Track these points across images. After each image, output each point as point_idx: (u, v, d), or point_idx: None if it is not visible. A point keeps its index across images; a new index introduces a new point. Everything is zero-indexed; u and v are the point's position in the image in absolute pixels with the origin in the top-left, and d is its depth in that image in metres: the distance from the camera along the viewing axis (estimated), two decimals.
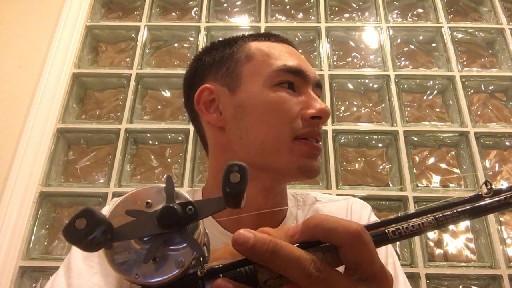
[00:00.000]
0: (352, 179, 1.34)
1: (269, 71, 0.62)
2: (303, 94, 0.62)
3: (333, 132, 1.36)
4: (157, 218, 0.28)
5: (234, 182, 0.28)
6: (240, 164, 0.28)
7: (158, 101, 1.50)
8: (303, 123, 0.60)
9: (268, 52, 0.64)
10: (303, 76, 0.63)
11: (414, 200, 1.26)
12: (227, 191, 0.28)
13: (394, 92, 1.42)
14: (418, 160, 1.37)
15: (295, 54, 0.66)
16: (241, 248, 0.30)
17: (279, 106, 0.60)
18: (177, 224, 0.28)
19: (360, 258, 0.30)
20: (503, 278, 1.15)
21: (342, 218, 0.31)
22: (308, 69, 0.64)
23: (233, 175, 0.28)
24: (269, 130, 0.60)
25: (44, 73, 1.44)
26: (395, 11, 1.64)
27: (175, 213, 0.28)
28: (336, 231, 0.30)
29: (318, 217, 0.31)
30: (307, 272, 0.29)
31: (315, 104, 0.61)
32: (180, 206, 0.29)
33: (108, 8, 1.68)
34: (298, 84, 0.63)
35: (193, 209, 0.29)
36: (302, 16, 1.64)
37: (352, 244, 0.30)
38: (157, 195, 0.31)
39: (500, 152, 1.38)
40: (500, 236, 1.21)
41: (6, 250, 1.18)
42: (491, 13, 1.59)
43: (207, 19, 1.58)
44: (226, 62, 0.66)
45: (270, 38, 0.68)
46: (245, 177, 0.28)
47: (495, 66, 1.53)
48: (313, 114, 0.60)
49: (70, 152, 1.42)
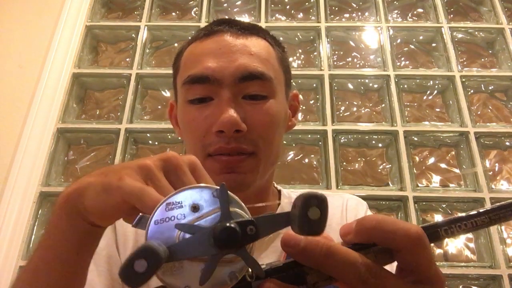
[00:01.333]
0: (352, 179, 1.34)
1: (179, 87, 0.60)
2: (214, 104, 0.56)
3: (333, 132, 1.36)
4: (214, 238, 0.26)
5: (313, 219, 0.25)
6: (320, 197, 0.25)
7: (158, 101, 1.50)
8: (214, 139, 0.55)
9: (185, 62, 0.61)
10: (212, 81, 0.56)
11: (414, 200, 1.25)
12: (304, 230, 0.25)
13: (394, 92, 1.42)
14: (418, 160, 1.37)
15: (213, 51, 0.58)
16: (291, 250, 0.28)
17: (188, 125, 0.58)
18: (235, 245, 0.26)
19: (418, 262, 0.29)
20: (503, 278, 1.15)
21: (400, 220, 0.30)
22: (221, 68, 0.56)
23: (312, 211, 0.25)
24: (189, 149, 0.59)
25: (44, 73, 1.44)
26: (395, 11, 1.64)
27: (234, 234, 0.25)
28: (395, 235, 0.28)
29: (375, 218, 0.29)
30: (363, 277, 0.27)
31: (219, 116, 0.54)
32: (240, 226, 0.26)
33: (108, 8, 1.68)
34: (213, 90, 0.56)
35: (254, 230, 0.26)
36: (302, 16, 1.64)
37: (412, 249, 0.28)
38: (205, 197, 0.28)
39: (500, 152, 1.38)
40: (500, 236, 1.21)
41: (6, 250, 1.18)
42: (491, 13, 1.59)
43: (207, 19, 1.58)
44: (174, 73, 0.66)
45: (201, 35, 0.62)
46: (326, 213, 0.25)
47: (495, 66, 1.53)
48: (215, 129, 0.54)
49: (70, 152, 1.42)
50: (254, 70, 0.56)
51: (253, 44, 0.60)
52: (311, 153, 1.39)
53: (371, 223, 0.29)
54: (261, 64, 0.58)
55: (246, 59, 0.57)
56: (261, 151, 0.56)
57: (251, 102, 0.57)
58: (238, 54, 0.57)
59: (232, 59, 0.57)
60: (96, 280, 0.54)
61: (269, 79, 0.58)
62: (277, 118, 0.59)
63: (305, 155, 1.38)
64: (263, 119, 0.57)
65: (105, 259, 0.56)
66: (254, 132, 0.56)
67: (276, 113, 0.59)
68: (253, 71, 0.56)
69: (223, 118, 0.53)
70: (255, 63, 0.57)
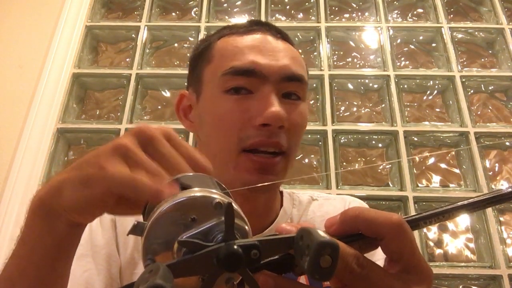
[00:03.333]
0: (352, 179, 1.34)
1: (218, 76, 0.58)
2: (257, 97, 0.56)
3: (333, 132, 1.36)
4: (217, 258, 0.25)
5: (324, 267, 0.25)
6: (334, 246, 0.25)
7: (158, 101, 1.50)
8: (253, 132, 0.54)
9: (223, 52, 0.60)
10: (258, 75, 0.56)
11: (414, 200, 1.25)
12: (315, 277, 0.25)
13: (394, 92, 1.42)
14: (418, 160, 1.37)
15: (258, 47, 0.59)
16: None
17: (224, 116, 0.56)
18: (238, 267, 0.26)
19: (402, 249, 0.30)
20: (503, 278, 1.15)
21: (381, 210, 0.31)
22: (268, 64, 0.57)
23: (324, 259, 0.25)
24: (218, 143, 0.57)
25: (44, 73, 1.44)
26: (395, 11, 1.64)
27: (238, 257, 0.25)
28: (377, 221, 0.30)
29: (358, 208, 0.31)
30: (349, 267, 0.28)
31: (264, 109, 0.54)
32: (243, 249, 0.26)
33: (108, 8, 1.68)
34: (254, 84, 0.56)
35: (257, 254, 0.26)
36: (302, 16, 1.64)
37: (394, 235, 0.30)
38: (204, 209, 0.28)
39: (500, 152, 1.38)
40: (500, 236, 1.20)
41: (6, 250, 1.18)
42: (491, 13, 1.59)
43: (207, 19, 1.58)
44: (196, 64, 0.64)
45: (240, 29, 0.62)
46: (337, 261, 0.25)
47: (495, 66, 1.53)
48: (260, 122, 0.54)
49: (70, 152, 1.42)
50: (296, 72, 0.59)
51: (291, 49, 0.62)
52: (311, 153, 1.39)
53: (354, 212, 0.31)
54: (301, 68, 0.61)
55: (289, 60, 0.59)
56: (291, 151, 0.58)
57: (289, 101, 0.58)
58: (281, 54, 0.59)
59: (277, 58, 0.58)
60: (95, 278, 0.54)
61: (305, 83, 0.61)
62: (306, 121, 0.62)
63: (305, 155, 1.38)
64: (298, 120, 0.58)
65: (104, 258, 0.56)
66: (290, 132, 0.57)
67: (306, 116, 0.62)
68: (295, 72, 0.59)
69: (271, 111, 0.53)
70: (297, 66, 0.60)
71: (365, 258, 0.29)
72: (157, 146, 0.34)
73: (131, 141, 0.33)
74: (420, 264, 0.31)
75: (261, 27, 0.63)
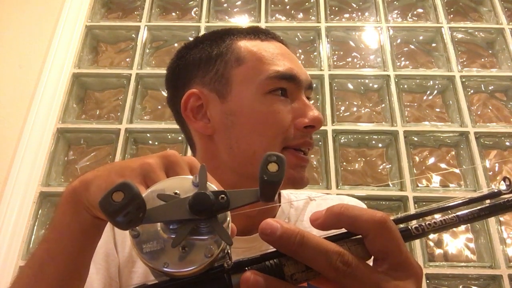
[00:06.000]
0: (352, 179, 1.34)
1: (261, 79, 0.59)
2: (295, 101, 0.61)
3: (333, 132, 1.36)
4: (189, 203, 0.28)
5: (272, 171, 0.27)
6: (278, 155, 0.28)
7: (158, 101, 1.50)
8: (296, 132, 0.59)
9: (260, 56, 0.61)
10: (296, 82, 0.61)
11: (414, 200, 1.25)
12: (264, 179, 0.27)
13: (394, 92, 1.42)
14: (418, 160, 1.37)
15: (286, 55, 0.64)
16: (268, 238, 0.30)
17: (272, 115, 0.59)
18: (208, 211, 0.28)
19: (387, 247, 0.30)
20: (503, 278, 1.15)
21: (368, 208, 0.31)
22: (300, 72, 0.62)
23: (271, 165, 0.27)
24: (261, 141, 0.58)
25: (44, 73, 1.44)
26: (395, 11, 1.64)
27: (207, 200, 0.28)
28: (361, 218, 0.30)
29: (343, 204, 0.32)
30: (334, 265, 0.29)
31: (308, 113, 0.60)
32: (213, 194, 0.28)
33: (108, 8, 1.68)
34: (291, 89, 0.61)
35: (225, 198, 0.28)
36: (302, 16, 1.64)
37: (377, 232, 0.30)
38: (185, 185, 0.31)
39: (500, 152, 1.38)
40: (500, 236, 1.21)
41: (6, 250, 1.18)
42: (491, 13, 1.59)
43: (207, 19, 1.58)
44: (215, 64, 0.62)
45: (259, 36, 0.65)
46: (283, 168, 0.27)
47: (495, 66, 1.53)
48: (306, 124, 0.59)
49: (70, 152, 1.42)
50: (311, 82, 0.65)
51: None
52: (311, 153, 1.38)
53: (339, 208, 0.31)
54: None
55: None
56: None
57: None
58: (298, 63, 0.64)
59: (301, 67, 0.64)
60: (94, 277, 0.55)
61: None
62: None
63: None
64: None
65: (102, 257, 0.57)
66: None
67: None
68: (311, 82, 0.65)
69: (317, 116, 0.59)
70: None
71: (350, 256, 0.29)
72: (178, 171, 0.38)
73: (157, 163, 0.37)
74: (408, 261, 0.31)
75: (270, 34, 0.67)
